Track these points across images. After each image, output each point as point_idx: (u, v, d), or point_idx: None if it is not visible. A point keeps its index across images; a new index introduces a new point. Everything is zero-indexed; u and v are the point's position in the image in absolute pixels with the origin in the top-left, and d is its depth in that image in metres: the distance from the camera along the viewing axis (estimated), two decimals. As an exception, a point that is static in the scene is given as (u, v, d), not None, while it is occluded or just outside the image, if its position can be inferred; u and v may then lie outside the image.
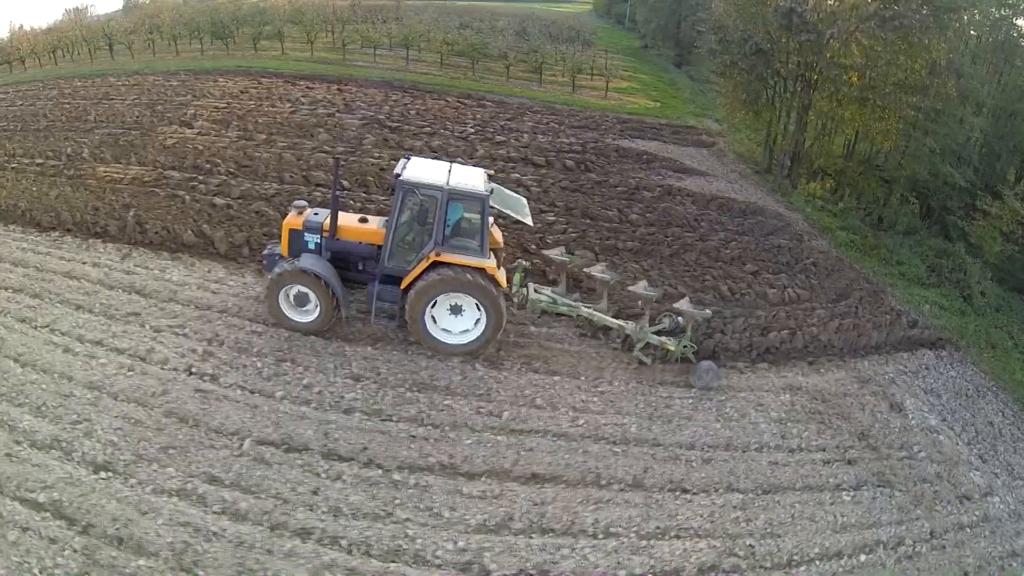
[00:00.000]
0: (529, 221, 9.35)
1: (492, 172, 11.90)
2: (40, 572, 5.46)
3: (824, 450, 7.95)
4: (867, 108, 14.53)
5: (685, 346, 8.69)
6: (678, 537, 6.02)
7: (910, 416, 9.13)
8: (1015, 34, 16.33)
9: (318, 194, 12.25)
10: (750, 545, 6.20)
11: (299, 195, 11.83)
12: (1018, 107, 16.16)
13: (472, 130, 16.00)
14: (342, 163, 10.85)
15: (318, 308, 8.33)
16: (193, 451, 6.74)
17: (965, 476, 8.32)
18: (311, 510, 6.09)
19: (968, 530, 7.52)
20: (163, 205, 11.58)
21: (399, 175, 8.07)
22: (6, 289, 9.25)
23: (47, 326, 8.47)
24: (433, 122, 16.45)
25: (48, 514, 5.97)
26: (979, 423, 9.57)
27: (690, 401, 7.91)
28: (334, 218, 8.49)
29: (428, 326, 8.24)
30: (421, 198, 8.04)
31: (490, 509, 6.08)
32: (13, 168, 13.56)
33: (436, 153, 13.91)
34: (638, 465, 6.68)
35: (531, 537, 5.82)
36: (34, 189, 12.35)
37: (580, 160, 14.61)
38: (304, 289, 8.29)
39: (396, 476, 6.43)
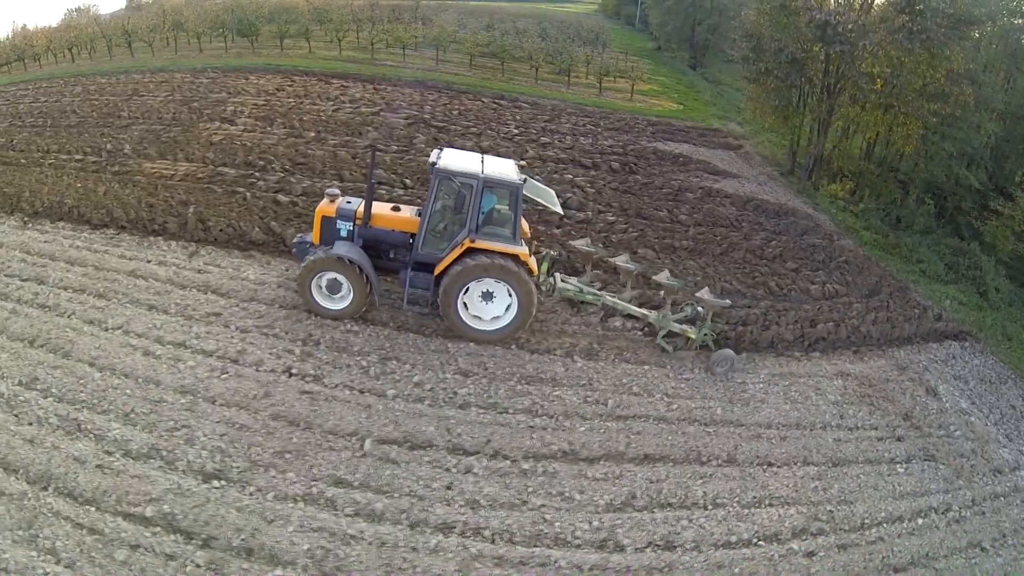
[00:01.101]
0: (559, 210, 9.75)
1: (524, 163, 12.55)
2: None
3: (876, 428, 8.93)
4: (890, 114, 15.53)
5: (706, 334, 9.12)
6: (772, 505, 6.94)
7: (944, 399, 10.15)
8: (1024, 42, 17.46)
9: (382, 191, 12.60)
10: (830, 511, 7.16)
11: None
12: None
13: (516, 131, 16.75)
14: (379, 151, 11.34)
15: (351, 295, 8.39)
16: (311, 454, 6.58)
17: (995, 452, 9.35)
18: (448, 504, 6.17)
19: (1002, 499, 8.53)
20: (223, 202, 11.63)
21: (435, 163, 8.22)
22: (66, 289, 8.99)
23: (120, 327, 8.20)
24: (477, 122, 17.12)
25: (159, 529, 5.67)
26: (1003, 406, 10.63)
27: (761, 386, 8.86)
28: (368, 206, 8.56)
29: (460, 312, 8.38)
30: (457, 186, 8.14)
31: (614, 489, 6.60)
32: (51, 164, 13.54)
33: (486, 153, 14.63)
34: (729, 443, 7.59)
35: (653, 512, 6.44)
36: (78, 185, 12.26)
37: (624, 162, 15.45)
38: (337, 276, 8.30)
39: (524, 465, 6.72)
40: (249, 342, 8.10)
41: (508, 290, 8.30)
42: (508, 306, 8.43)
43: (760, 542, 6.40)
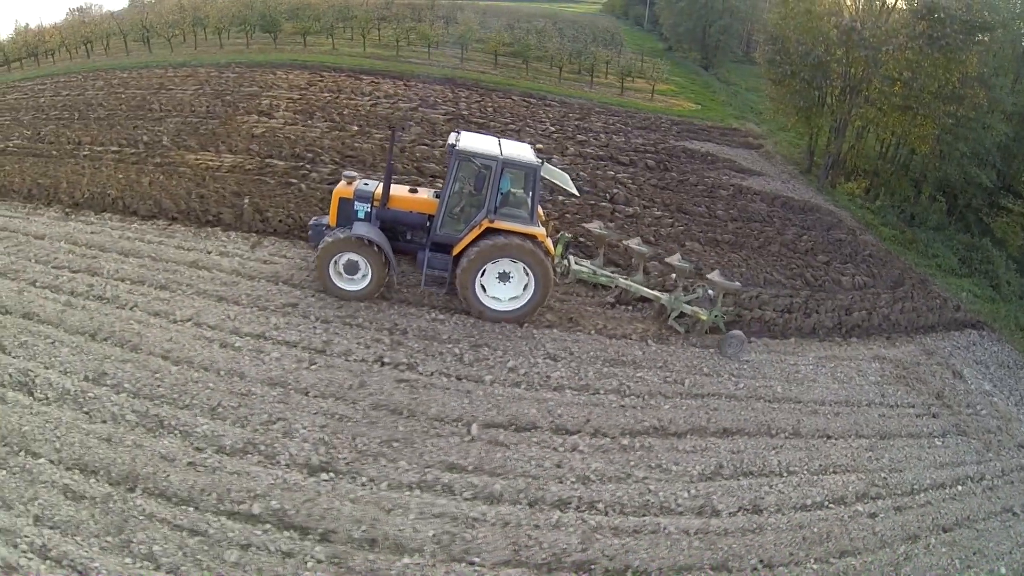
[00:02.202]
0: (575, 191, 10.05)
1: (541, 147, 12.89)
2: None
3: (913, 406, 9.75)
4: (908, 115, 16.40)
5: (716, 315, 9.38)
6: (835, 472, 7.71)
7: (969, 382, 11.01)
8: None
9: (440, 185, 13.05)
10: (884, 478, 7.95)
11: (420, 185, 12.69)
12: None
13: (552, 128, 17.41)
14: (399, 133, 11.60)
15: (369, 275, 8.40)
16: (419, 442, 6.59)
17: (1018, 429, 10.19)
18: (561, 482, 6.39)
19: None
20: (277, 193, 11.61)
21: (455, 145, 8.23)
22: (123, 280, 8.80)
23: (189, 319, 8.02)
24: (514, 119, 17.72)
25: (269, 526, 5.50)
26: (1021, 389, 11.52)
27: (811, 368, 9.64)
28: (387, 187, 8.56)
29: (478, 292, 8.50)
30: (477, 167, 8.17)
31: (703, 461, 7.11)
32: (86, 156, 13.43)
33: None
34: (792, 418, 8.35)
35: (739, 479, 7.01)
36: (120, 176, 12.14)
37: (658, 160, 16.19)
38: (354, 257, 8.29)
39: (623, 441, 7.10)
40: (333, 332, 8.03)
41: (525, 270, 8.39)
42: (525, 286, 8.55)
43: (830, 505, 7.18)
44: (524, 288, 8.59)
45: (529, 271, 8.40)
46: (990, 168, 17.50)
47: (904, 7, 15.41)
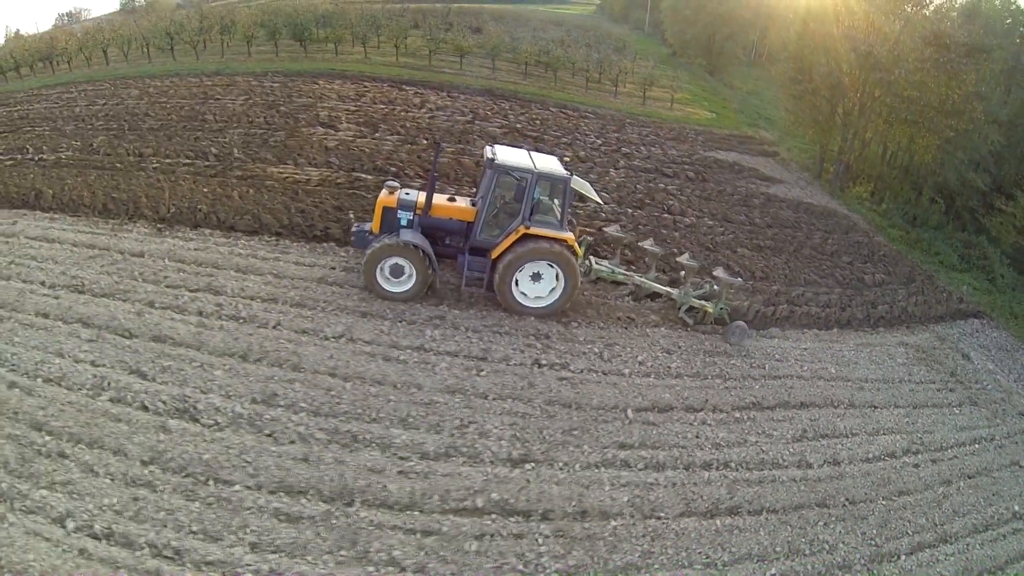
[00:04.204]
0: (599, 200, 11.10)
1: (568, 158, 13.78)
2: (526, 566, 5.86)
3: (934, 383, 11.77)
4: (913, 128, 18.51)
5: (721, 308, 10.59)
6: (884, 434, 9.67)
7: (975, 362, 13.09)
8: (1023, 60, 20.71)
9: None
10: (920, 438, 9.94)
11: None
12: (1021, 119, 20.47)
13: (598, 140, 19.10)
14: (442, 147, 12.29)
15: (413, 278, 9.12)
16: (592, 428, 7.71)
17: (1018, 400, 12.28)
18: (702, 449, 7.88)
19: None
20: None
21: (493, 159, 9.11)
22: (253, 299, 9.00)
23: (342, 336, 8.37)
24: (563, 132, 19.12)
25: (495, 515, 6.25)
26: (1018, 368, 13.63)
27: (852, 353, 11.62)
28: (430, 196, 9.27)
29: (513, 291, 9.40)
30: (515, 179, 9.09)
31: (792, 427, 8.89)
32: (155, 168, 13.47)
33: (585, 163, 16.98)
34: (846, 393, 10.28)
35: (820, 440, 8.81)
36: (205, 190, 12.26)
37: (696, 172, 18.04)
38: (400, 261, 8.96)
39: (735, 415, 8.72)
40: (488, 341, 8.87)
41: (557, 272, 9.35)
42: (552, 288, 9.50)
43: (885, 458, 9.15)
44: (551, 290, 9.55)
45: (560, 272, 9.38)
46: (984, 172, 19.72)
47: (915, 33, 17.37)
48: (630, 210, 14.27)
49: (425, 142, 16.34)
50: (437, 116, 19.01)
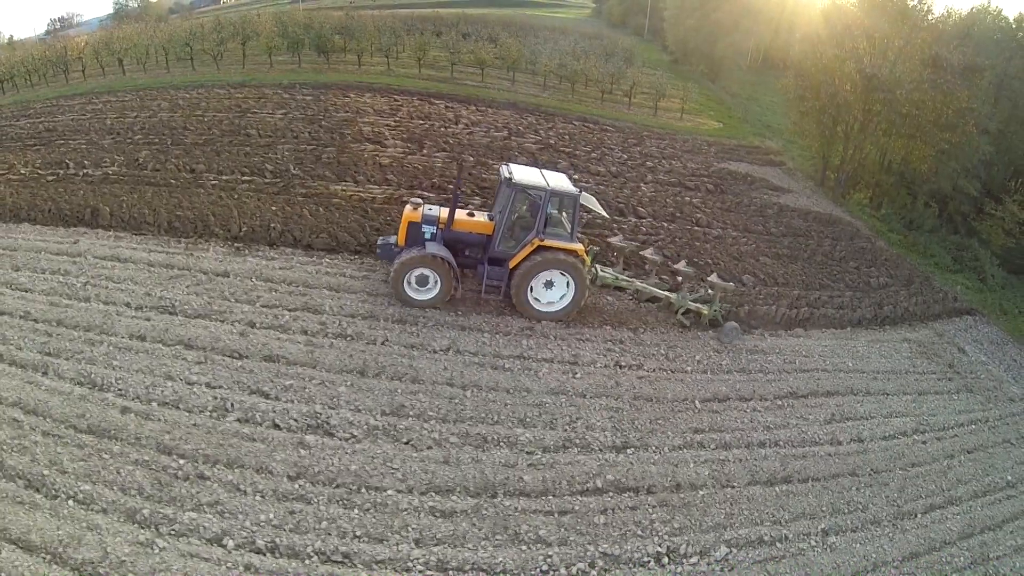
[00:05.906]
0: (605, 214, 12.15)
1: (576, 176, 14.92)
2: (643, 531, 7.03)
3: (935, 373, 13.45)
4: (911, 142, 20.27)
5: (716, 310, 11.73)
6: (896, 416, 11.29)
7: (970, 355, 14.85)
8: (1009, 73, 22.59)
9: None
10: (926, 420, 11.60)
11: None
12: (1008, 129, 22.34)
13: (624, 155, 20.57)
14: (464, 164, 13.01)
15: (438, 286, 9.91)
16: (671, 417, 9.00)
17: (1009, 389, 14.04)
18: (755, 431, 9.30)
19: (1018, 416, 13.14)
20: None
21: (510, 178, 10.13)
22: (353, 317, 9.57)
23: (448, 348, 9.24)
24: (592, 147, 20.42)
25: (612, 492, 7.43)
26: (1007, 359, 15.39)
27: (865, 348, 13.29)
28: (452, 211, 10.09)
29: (528, 297, 10.35)
30: (530, 197, 10.07)
31: (823, 412, 10.42)
32: (214, 184, 13.63)
33: (617, 178, 18.41)
34: (863, 382, 11.84)
35: (845, 423, 10.32)
36: (274, 208, 12.53)
37: (714, 184, 19.63)
38: (426, 271, 9.74)
39: (778, 402, 10.22)
40: (575, 348, 10.11)
41: (568, 280, 10.32)
42: (563, 295, 10.48)
43: (898, 436, 10.83)
44: (561, 297, 10.56)
45: (571, 280, 10.40)
46: (975, 179, 21.54)
47: (915, 56, 19.10)
48: (665, 224, 15.82)
49: (471, 159, 17.04)
50: (475, 132, 20.00)
